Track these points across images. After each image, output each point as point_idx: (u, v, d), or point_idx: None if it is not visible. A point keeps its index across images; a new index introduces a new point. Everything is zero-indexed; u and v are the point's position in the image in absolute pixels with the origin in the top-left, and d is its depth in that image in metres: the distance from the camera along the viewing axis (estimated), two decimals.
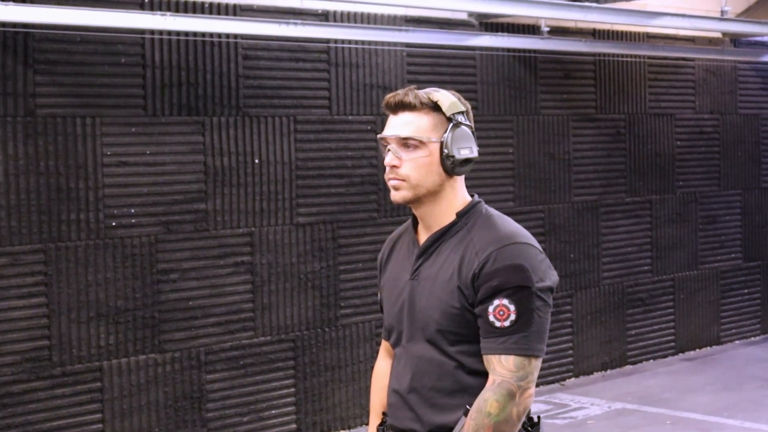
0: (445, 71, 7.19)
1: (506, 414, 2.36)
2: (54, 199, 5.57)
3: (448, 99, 2.50)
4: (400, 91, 2.52)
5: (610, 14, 7.23)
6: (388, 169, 2.52)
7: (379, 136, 2.55)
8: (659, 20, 7.58)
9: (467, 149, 2.49)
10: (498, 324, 2.39)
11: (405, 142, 2.49)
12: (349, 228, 6.73)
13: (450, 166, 2.48)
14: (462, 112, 2.51)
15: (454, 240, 2.50)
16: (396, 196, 2.52)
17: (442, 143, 2.47)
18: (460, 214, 2.52)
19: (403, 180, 2.50)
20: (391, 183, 2.52)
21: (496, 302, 2.39)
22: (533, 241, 2.48)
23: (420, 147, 2.48)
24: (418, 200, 2.52)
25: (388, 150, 2.51)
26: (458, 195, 2.54)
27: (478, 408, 2.37)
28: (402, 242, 2.68)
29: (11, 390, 5.45)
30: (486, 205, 2.57)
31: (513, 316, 2.39)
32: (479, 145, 2.57)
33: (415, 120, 2.48)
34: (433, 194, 2.51)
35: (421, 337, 2.51)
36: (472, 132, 2.53)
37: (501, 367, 2.38)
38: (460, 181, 2.55)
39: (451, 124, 2.48)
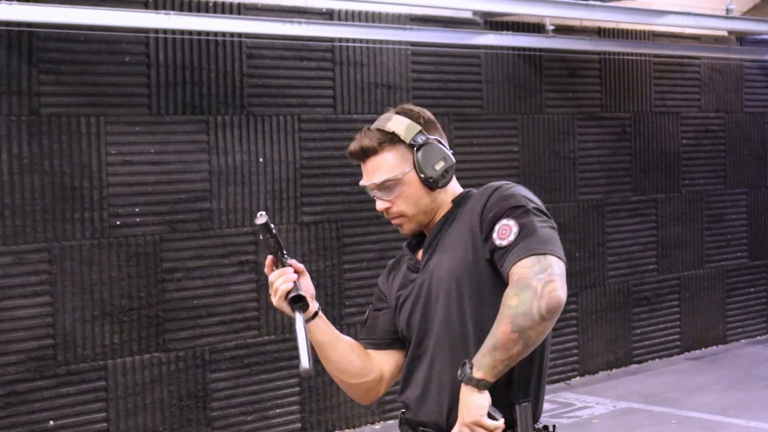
0: (450, 70, 7.18)
1: (526, 307, 2.28)
2: (58, 198, 5.57)
3: (401, 125, 2.52)
4: (357, 137, 2.56)
5: (615, 12, 7.22)
6: (383, 212, 2.58)
7: (360, 183, 2.60)
8: (664, 18, 7.57)
9: (441, 161, 2.52)
10: (504, 243, 2.39)
11: (384, 186, 2.53)
12: (354, 227, 6.72)
13: (433, 184, 2.52)
14: (420, 131, 2.53)
15: (457, 221, 2.54)
16: (404, 230, 2.60)
17: (416, 169, 2.51)
18: (456, 201, 2.57)
19: (401, 215, 2.56)
20: (394, 222, 2.59)
21: (497, 226, 2.42)
22: (526, 188, 2.53)
23: (399, 183, 2.52)
24: (423, 224, 2.58)
25: (375, 195, 2.57)
26: (453, 193, 2.59)
27: (502, 303, 2.33)
28: (401, 264, 2.68)
29: (16, 389, 5.45)
30: None
31: (515, 229, 2.39)
32: (485, 144, 2.62)
33: (383, 161, 2.52)
34: (432, 210, 2.57)
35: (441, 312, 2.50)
36: (439, 140, 2.55)
37: (518, 269, 2.35)
38: (450, 184, 2.58)
39: (415, 149, 2.51)
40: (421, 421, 2.53)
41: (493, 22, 7.45)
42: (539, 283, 2.30)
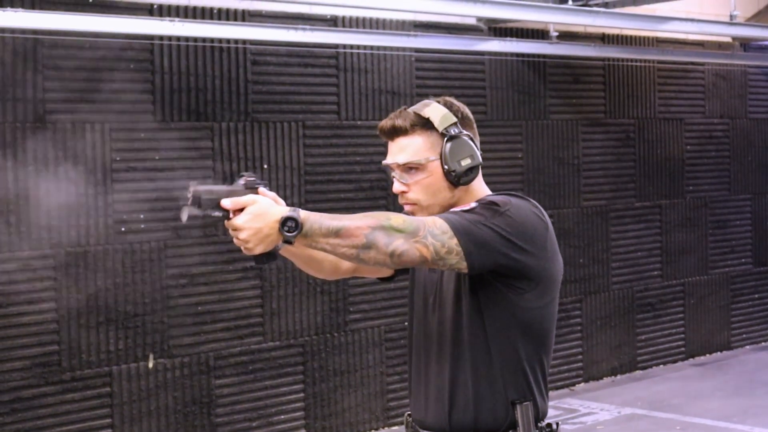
0: (454, 76, 7.19)
1: (395, 237, 2.26)
2: (64, 204, 5.58)
3: (438, 113, 2.48)
4: (392, 115, 2.52)
5: (618, 19, 7.22)
6: (398, 195, 2.53)
7: (382, 163, 2.56)
8: (668, 25, 7.57)
9: (468, 158, 2.48)
10: (458, 209, 2.42)
11: (406, 168, 2.49)
12: None
13: (454, 179, 2.48)
14: (454, 123, 2.49)
15: None
16: None
17: (442, 160, 2.47)
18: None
19: (415, 204, 2.51)
20: (406, 209, 2.54)
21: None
22: (528, 198, 2.48)
23: (420, 169, 2.48)
24: None
25: (394, 177, 2.52)
26: (477, 196, 2.53)
27: (389, 213, 2.31)
28: None
29: (21, 395, 5.46)
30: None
31: (467, 208, 2.40)
32: (489, 150, 2.59)
33: (411, 143, 2.48)
34: (450, 206, 2.51)
35: (447, 321, 2.49)
36: (471, 138, 2.51)
37: (436, 218, 2.34)
38: (475, 183, 2.54)
39: (446, 139, 2.47)
40: (425, 423, 2.55)
41: (497, 29, 7.46)
42: (422, 237, 2.28)
